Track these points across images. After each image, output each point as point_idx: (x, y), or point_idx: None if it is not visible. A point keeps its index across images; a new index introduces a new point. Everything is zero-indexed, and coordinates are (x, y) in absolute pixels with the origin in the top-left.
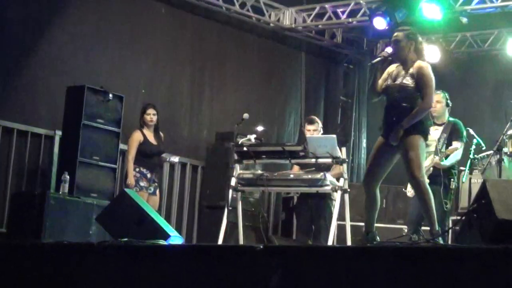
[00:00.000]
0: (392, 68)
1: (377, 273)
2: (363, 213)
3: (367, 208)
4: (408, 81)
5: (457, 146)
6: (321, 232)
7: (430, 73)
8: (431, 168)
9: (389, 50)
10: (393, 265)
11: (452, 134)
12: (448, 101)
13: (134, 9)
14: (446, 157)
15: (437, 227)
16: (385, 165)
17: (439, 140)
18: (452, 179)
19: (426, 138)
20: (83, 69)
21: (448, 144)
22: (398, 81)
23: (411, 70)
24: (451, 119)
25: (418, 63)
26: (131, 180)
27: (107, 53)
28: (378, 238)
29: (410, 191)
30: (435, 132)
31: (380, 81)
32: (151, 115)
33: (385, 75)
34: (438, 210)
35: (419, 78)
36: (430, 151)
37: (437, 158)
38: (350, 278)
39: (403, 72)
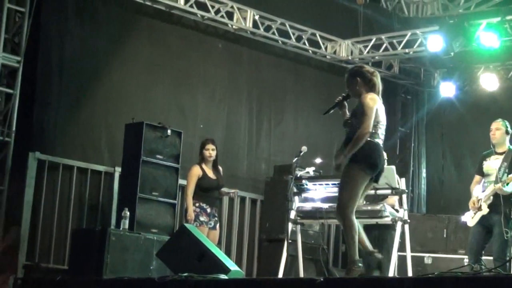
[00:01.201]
0: None
1: None
2: (423, 243)
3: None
4: (349, 115)
5: None
6: (383, 263)
7: (367, 102)
8: (492, 197)
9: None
10: None
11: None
12: (509, 128)
13: (191, 45)
14: (507, 184)
15: (357, 257)
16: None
17: (499, 169)
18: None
19: (369, 172)
20: (141, 105)
21: (509, 172)
22: (347, 116)
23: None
24: None
25: (361, 96)
26: (191, 215)
27: (164, 89)
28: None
29: (470, 220)
30: (495, 162)
31: None
32: (210, 151)
33: None
34: (498, 240)
35: (358, 109)
36: (491, 181)
37: (498, 184)
38: None
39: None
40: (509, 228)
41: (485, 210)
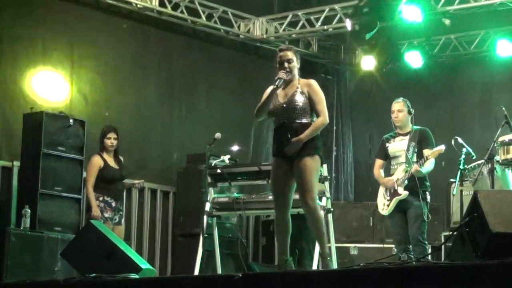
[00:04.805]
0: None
1: None
2: (349, 233)
3: (282, 234)
4: (300, 98)
5: (442, 148)
6: (304, 256)
7: (320, 89)
8: (407, 181)
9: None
10: (383, 287)
11: (421, 142)
12: (411, 108)
13: (93, 25)
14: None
15: (327, 250)
16: (292, 186)
17: (408, 149)
18: (427, 192)
19: (323, 161)
20: (40, 93)
21: (419, 152)
22: (288, 99)
23: (300, 88)
24: (416, 127)
25: (305, 81)
26: (96, 211)
27: (65, 74)
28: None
29: (384, 208)
30: (401, 143)
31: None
32: (112, 140)
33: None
34: (416, 223)
35: (311, 95)
36: (400, 162)
37: (415, 165)
38: None
39: (291, 91)
40: (428, 210)
41: (404, 194)
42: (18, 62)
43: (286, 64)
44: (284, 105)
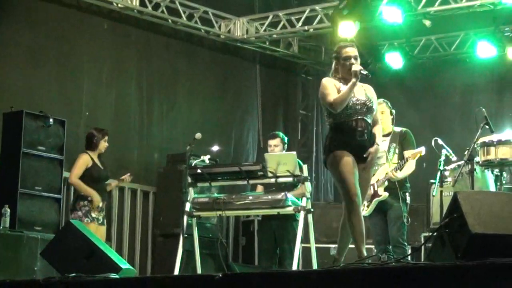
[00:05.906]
0: (338, 83)
1: None
2: (329, 234)
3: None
4: (369, 99)
5: (422, 150)
6: (285, 256)
7: None
8: (387, 182)
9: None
10: (363, 287)
11: (403, 143)
12: (392, 109)
13: (74, 25)
14: (401, 168)
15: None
16: None
17: (388, 150)
18: (407, 193)
19: None
20: (20, 92)
21: (400, 154)
22: (361, 98)
23: (365, 89)
24: (396, 128)
25: (366, 84)
26: (96, 198)
27: (45, 74)
28: None
29: (364, 209)
30: (382, 144)
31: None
32: (107, 142)
33: (334, 89)
34: (395, 225)
35: (374, 98)
36: (381, 163)
37: (392, 172)
38: None
39: (360, 90)
40: (406, 212)
41: (384, 196)
42: None
43: (353, 60)
44: (362, 102)
